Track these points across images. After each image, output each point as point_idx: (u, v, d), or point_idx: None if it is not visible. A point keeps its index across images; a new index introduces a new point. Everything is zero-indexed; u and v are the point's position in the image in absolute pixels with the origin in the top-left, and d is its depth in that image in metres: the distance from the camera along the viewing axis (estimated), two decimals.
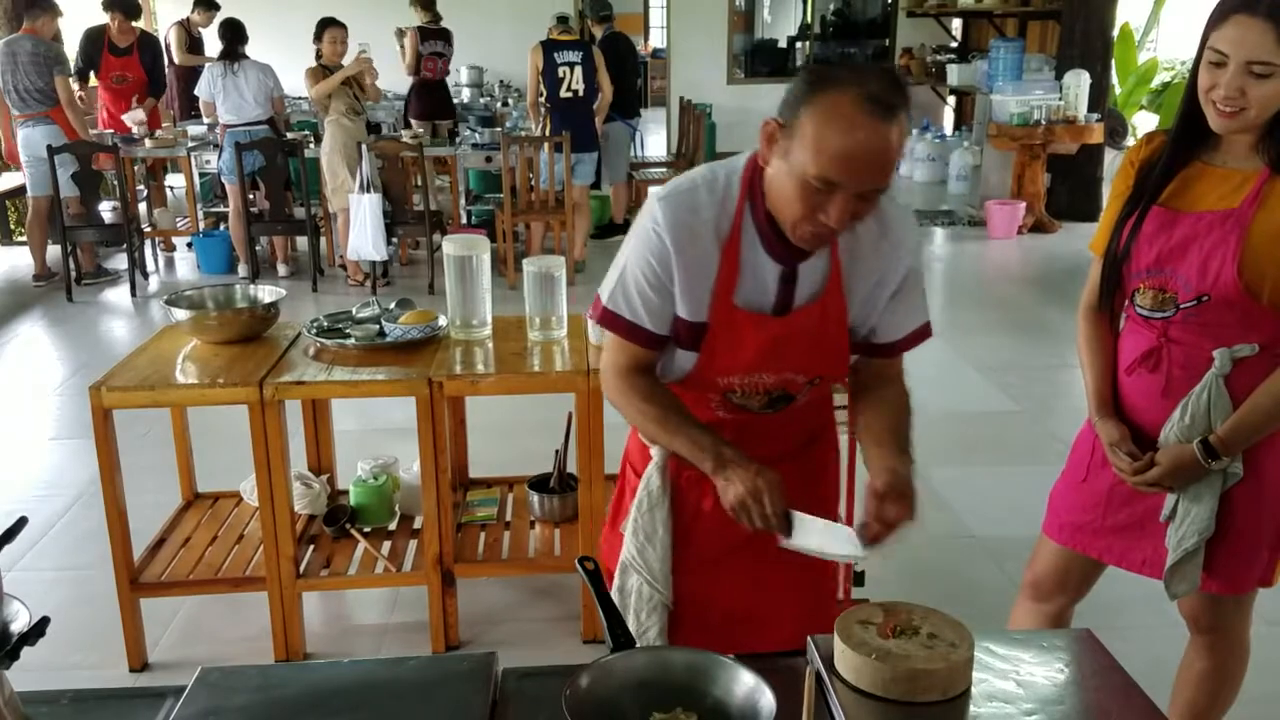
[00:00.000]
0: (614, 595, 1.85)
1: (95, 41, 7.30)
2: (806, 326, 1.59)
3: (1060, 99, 8.27)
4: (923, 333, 1.74)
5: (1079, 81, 8.21)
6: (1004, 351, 5.66)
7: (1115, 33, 8.89)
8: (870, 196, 1.46)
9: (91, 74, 7.70)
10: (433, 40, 8.34)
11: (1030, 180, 8.44)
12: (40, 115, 6.75)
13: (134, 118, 7.52)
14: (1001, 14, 10.75)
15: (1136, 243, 1.94)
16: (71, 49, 7.58)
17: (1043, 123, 8.18)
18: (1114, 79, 9.24)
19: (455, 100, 10.24)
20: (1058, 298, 6.74)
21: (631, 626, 1.80)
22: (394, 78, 8.98)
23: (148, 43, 7.91)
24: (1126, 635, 2.19)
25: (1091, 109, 8.30)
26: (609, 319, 1.65)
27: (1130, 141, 9.20)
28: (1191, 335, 1.92)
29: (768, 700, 1.20)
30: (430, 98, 8.52)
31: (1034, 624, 2.28)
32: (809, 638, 1.40)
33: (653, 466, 1.78)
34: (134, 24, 7.72)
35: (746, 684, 1.23)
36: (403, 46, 8.50)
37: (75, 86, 7.11)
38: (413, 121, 8.43)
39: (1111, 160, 8.76)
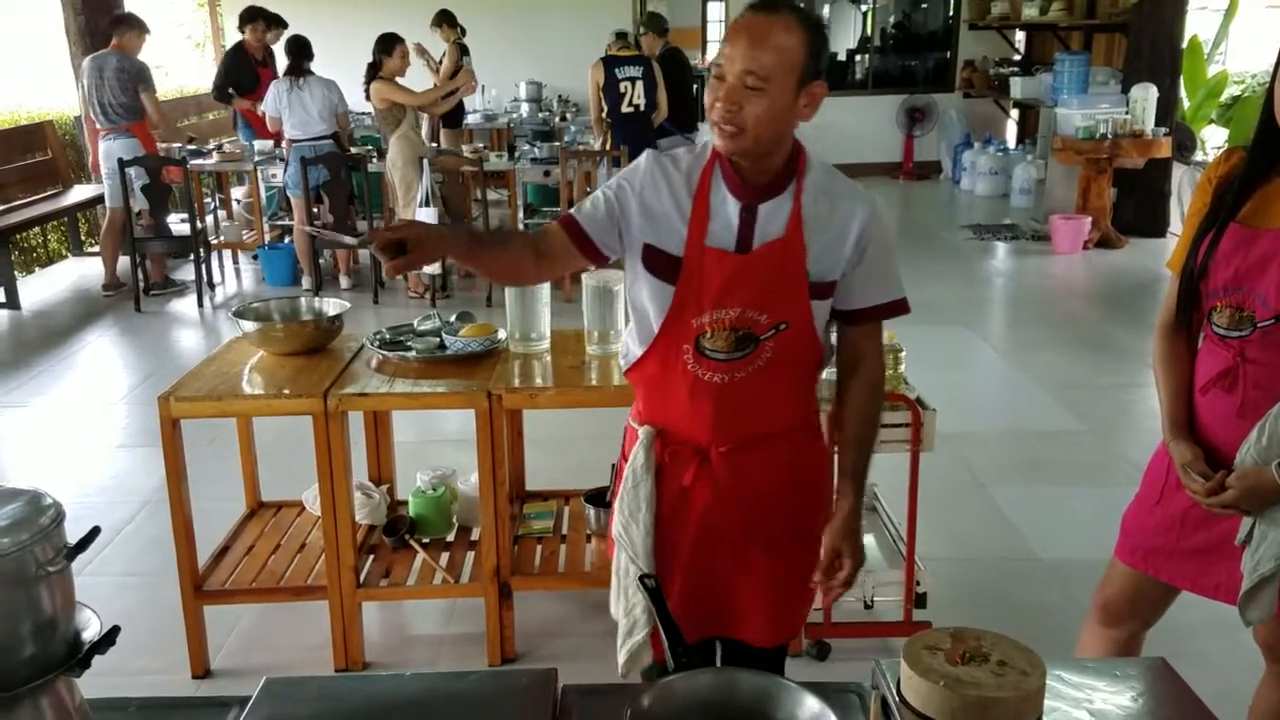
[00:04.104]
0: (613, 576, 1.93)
1: (242, 60, 7.52)
2: (765, 263, 1.73)
3: (1127, 112, 8.12)
4: (896, 307, 1.85)
5: (1146, 95, 8.06)
6: (1069, 369, 5.56)
7: (1184, 45, 8.71)
8: (754, 87, 1.62)
9: (232, 91, 7.99)
10: (467, 56, 8.65)
11: (1096, 195, 8.29)
12: (122, 129, 6.92)
13: None
14: (1066, 27, 10.59)
15: (1214, 260, 1.90)
16: (186, 69, 7.81)
17: (1109, 136, 8.04)
18: (1182, 92, 9.05)
19: (514, 114, 10.39)
20: (1125, 315, 6.61)
21: (621, 605, 1.89)
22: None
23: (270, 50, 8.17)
24: (1198, 662, 2.13)
25: (1159, 123, 8.13)
26: (561, 216, 1.85)
27: (1199, 156, 8.99)
28: (1269, 355, 1.87)
29: None
30: (457, 107, 8.75)
31: (1103, 650, 2.23)
32: (874, 662, 1.38)
33: (638, 444, 1.84)
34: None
35: (811, 709, 1.21)
36: (429, 62, 8.73)
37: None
38: (443, 131, 8.75)
39: (1180, 175, 8.58)
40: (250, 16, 7.85)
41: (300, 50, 7.09)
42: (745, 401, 1.78)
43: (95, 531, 1.23)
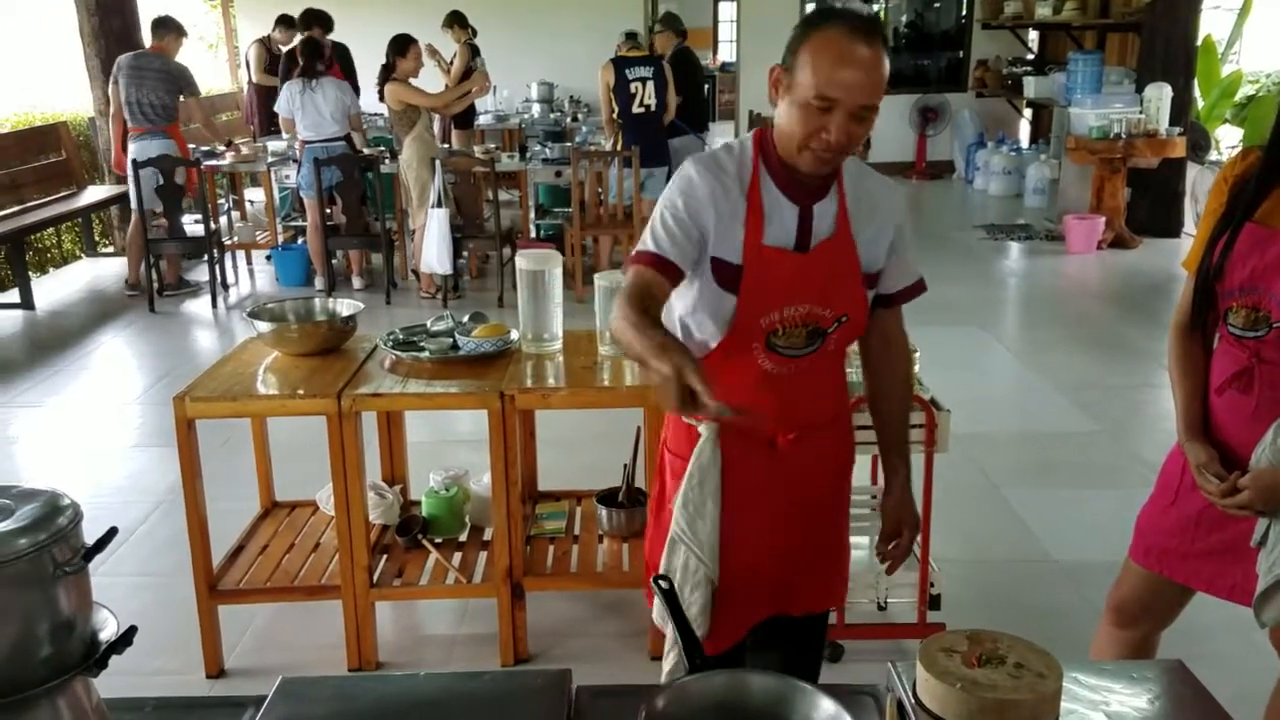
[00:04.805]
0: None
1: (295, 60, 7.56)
2: (824, 260, 1.79)
3: (1141, 112, 8.09)
4: (918, 288, 1.96)
5: (1160, 94, 8.02)
6: (1083, 370, 5.54)
7: (1198, 44, 8.67)
8: (862, 116, 1.65)
9: None
10: (479, 57, 8.67)
11: (1110, 194, 8.25)
12: (160, 130, 6.94)
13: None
14: (1080, 26, 10.55)
15: (1229, 260, 1.89)
16: (199, 71, 7.84)
17: (1123, 136, 8.00)
18: (1196, 92, 9.01)
19: (525, 115, 10.41)
20: (1138, 315, 6.58)
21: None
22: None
23: (341, 54, 8.17)
24: (1214, 664, 2.12)
25: (1173, 122, 8.10)
26: (641, 256, 1.78)
27: (1214, 156, 8.95)
28: None
29: None
30: (469, 108, 8.83)
31: (1117, 651, 2.22)
32: (890, 664, 1.37)
33: (705, 440, 1.85)
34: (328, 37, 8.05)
35: (827, 711, 1.20)
36: (440, 62, 8.75)
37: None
38: (454, 132, 8.81)
39: (1194, 175, 8.54)
40: (306, 24, 7.88)
41: (313, 52, 7.11)
42: (808, 389, 1.85)
43: (113, 532, 1.24)
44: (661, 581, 1.61)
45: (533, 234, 7.92)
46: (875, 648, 3.02)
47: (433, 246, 6.53)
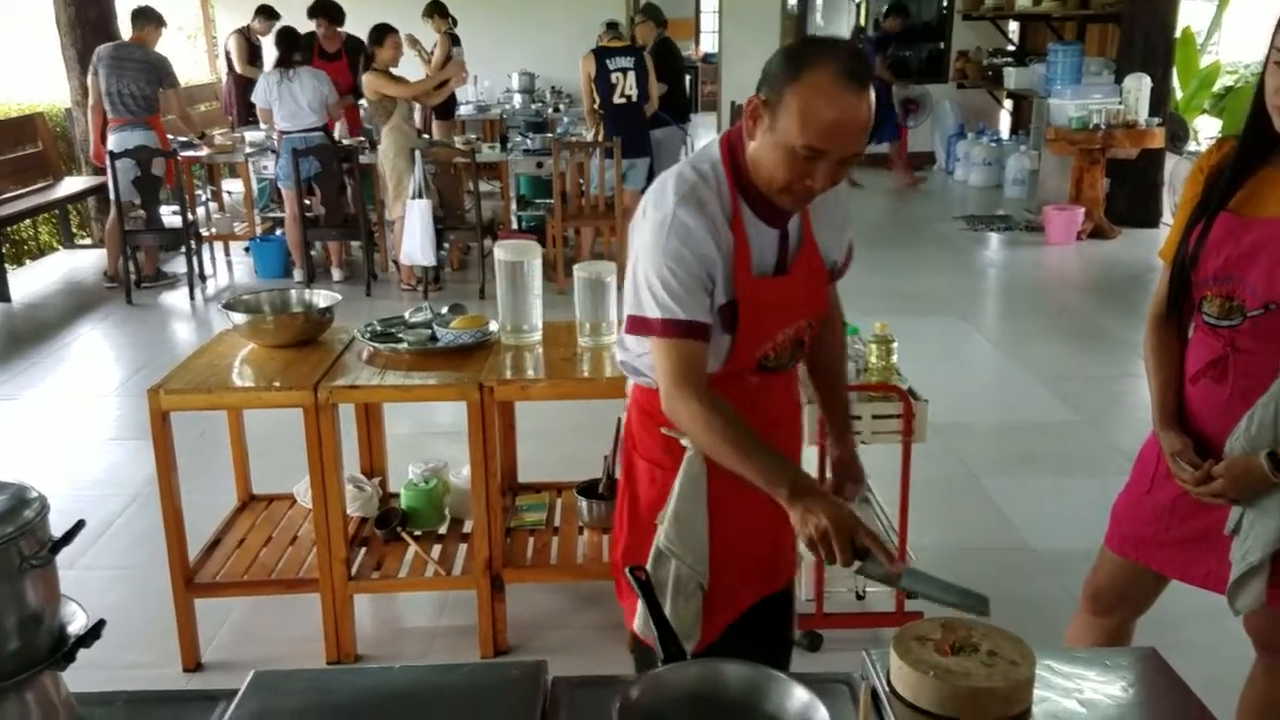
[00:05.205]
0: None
1: (307, 49, 7.50)
2: (802, 274, 1.81)
3: (1120, 103, 8.12)
4: (851, 254, 2.00)
5: (1140, 85, 8.05)
6: (1062, 360, 5.56)
7: (1177, 36, 8.71)
8: (850, 161, 1.63)
9: None
10: (458, 47, 8.59)
11: (1089, 185, 8.29)
12: (141, 121, 6.88)
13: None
14: (1060, 17, 10.58)
15: (1204, 249, 1.90)
16: (178, 61, 7.76)
17: (1102, 127, 8.03)
18: (1175, 83, 9.05)
19: (507, 105, 10.37)
20: (1117, 305, 6.62)
21: (668, 613, 1.85)
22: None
23: (354, 47, 8.09)
24: (1187, 651, 2.13)
25: (1152, 113, 8.13)
26: (670, 328, 1.68)
27: (1192, 146, 9.00)
28: (1259, 344, 1.86)
29: (822, 717, 1.17)
30: (450, 98, 8.72)
31: (1093, 638, 2.23)
32: (864, 652, 1.38)
33: (692, 454, 1.84)
34: (339, 29, 7.96)
35: (800, 700, 1.20)
36: (420, 52, 8.70)
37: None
38: (435, 122, 8.72)
39: (1173, 165, 8.58)
40: (312, 12, 7.82)
41: (291, 42, 7.06)
42: (781, 391, 1.92)
43: (80, 525, 1.23)
44: (639, 573, 1.61)
45: (514, 225, 7.90)
46: (853, 637, 3.03)
47: (415, 238, 6.50)
